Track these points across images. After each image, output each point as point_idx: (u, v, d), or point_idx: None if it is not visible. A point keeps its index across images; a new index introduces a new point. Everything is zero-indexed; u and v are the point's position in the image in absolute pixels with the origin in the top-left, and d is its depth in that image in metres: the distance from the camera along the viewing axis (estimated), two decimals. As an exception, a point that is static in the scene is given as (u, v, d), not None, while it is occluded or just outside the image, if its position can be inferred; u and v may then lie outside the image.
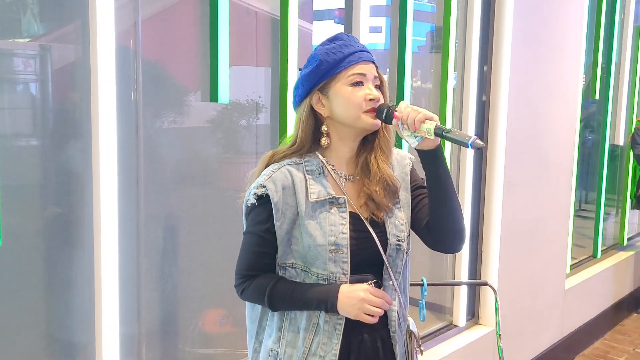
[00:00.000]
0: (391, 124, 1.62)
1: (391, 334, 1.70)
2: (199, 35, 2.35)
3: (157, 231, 2.39)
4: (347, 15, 2.88)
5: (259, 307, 1.74)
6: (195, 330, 2.57)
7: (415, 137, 1.57)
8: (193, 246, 2.53)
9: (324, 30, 3.08)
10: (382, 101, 1.64)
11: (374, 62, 1.66)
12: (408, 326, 1.76)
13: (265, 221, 1.62)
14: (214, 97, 2.32)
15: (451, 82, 3.35)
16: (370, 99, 1.61)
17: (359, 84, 1.62)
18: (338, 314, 1.62)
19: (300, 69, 1.90)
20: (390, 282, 1.67)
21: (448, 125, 3.36)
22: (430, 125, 1.53)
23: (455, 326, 3.61)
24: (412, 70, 3.08)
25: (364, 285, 1.61)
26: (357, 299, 1.58)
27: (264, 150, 2.66)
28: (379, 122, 1.64)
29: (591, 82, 4.76)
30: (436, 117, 1.55)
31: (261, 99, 2.63)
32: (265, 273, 1.67)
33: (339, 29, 3.09)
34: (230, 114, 2.60)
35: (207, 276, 2.58)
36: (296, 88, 1.69)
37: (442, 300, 3.67)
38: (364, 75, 1.62)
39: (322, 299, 1.60)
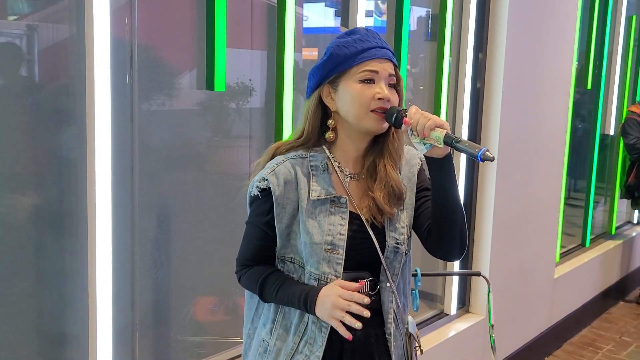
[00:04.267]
0: (400, 128, 1.56)
1: (387, 336, 1.66)
2: (196, 19, 2.30)
3: (151, 219, 2.35)
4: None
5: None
6: (187, 318, 2.54)
7: (424, 145, 1.50)
8: (186, 234, 2.49)
9: (315, 14, 3.03)
10: (395, 101, 1.58)
11: (391, 60, 1.59)
12: (407, 328, 1.73)
13: (266, 214, 1.60)
14: (209, 85, 2.26)
15: (446, 68, 3.32)
16: (379, 98, 1.55)
17: (369, 81, 1.56)
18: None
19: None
20: (388, 284, 1.63)
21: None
22: (440, 134, 1.47)
23: (447, 315, 3.61)
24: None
25: (338, 290, 1.50)
26: (328, 303, 1.50)
27: (257, 134, 2.62)
28: (385, 125, 1.59)
29: (584, 71, 4.74)
30: (447, 125, 1.49)
31: (251, 82, 2.58)
32: (264, 264, 1.65)
33: (330, 12, 3.04)
34: (228, 98, 2.56)
35: (199, 264, 2.55)
36: (308, 79, 1.64)
37: (434, 289, 3.66)
38: (376, 72, 1.56)
39: (303, 299, 1.55)
